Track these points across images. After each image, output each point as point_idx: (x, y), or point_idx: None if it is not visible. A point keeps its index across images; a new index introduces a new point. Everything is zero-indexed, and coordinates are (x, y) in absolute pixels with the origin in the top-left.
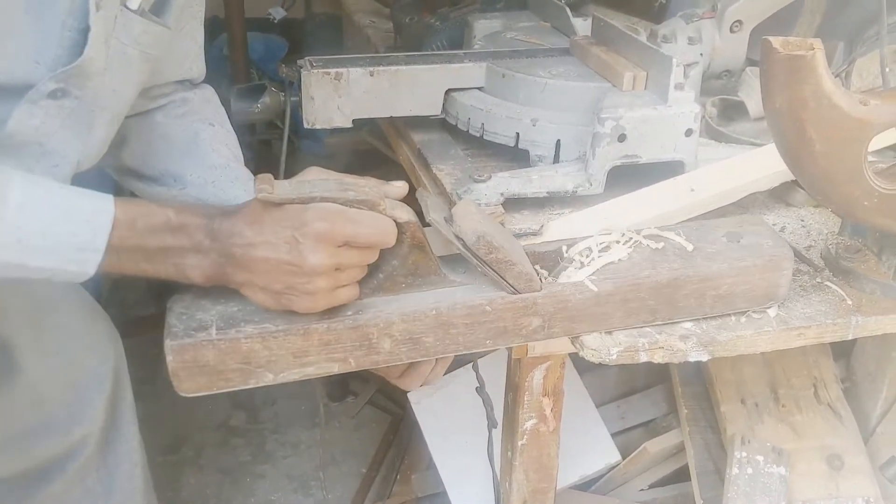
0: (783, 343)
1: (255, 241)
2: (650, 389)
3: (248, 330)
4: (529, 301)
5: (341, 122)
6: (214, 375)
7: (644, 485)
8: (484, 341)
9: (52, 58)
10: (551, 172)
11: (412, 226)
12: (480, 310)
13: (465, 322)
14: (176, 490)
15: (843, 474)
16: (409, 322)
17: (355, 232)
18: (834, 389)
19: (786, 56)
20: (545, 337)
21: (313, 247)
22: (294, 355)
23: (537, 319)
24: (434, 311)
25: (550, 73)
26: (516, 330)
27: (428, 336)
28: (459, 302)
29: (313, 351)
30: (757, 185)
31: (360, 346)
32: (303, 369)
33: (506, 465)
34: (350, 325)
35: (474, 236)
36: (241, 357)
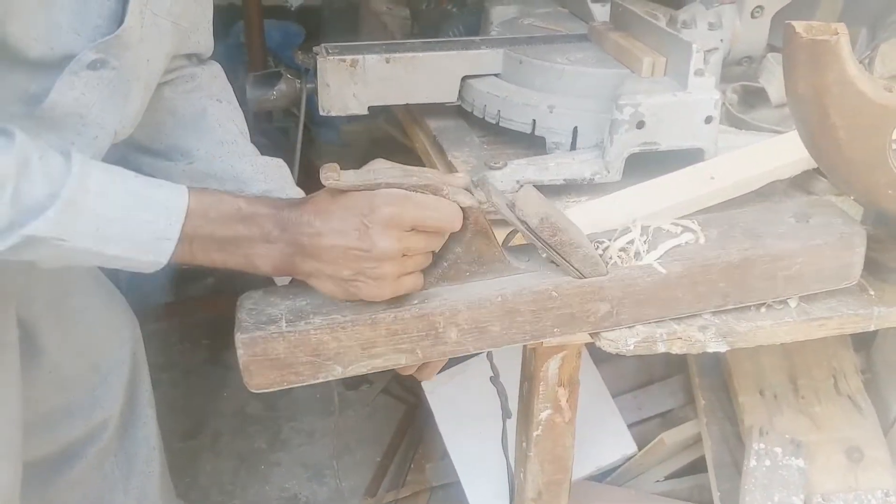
0: (804, 334)
1: (324, 229)
2: (667, 380)
3: (317, 321)
4: (596, 285)
5: (357, 109)
6: (285, 369)
7: (660, 476)
8: (551, 329)
9: (92, 28)
10: (568, 160)
11: (475, 211)
12: (547, 295)
13: (531, 309)
14: (192, 476)
15: (862, 466)
16: (475, 310)
17: (423, 215)
18: (854, 381)
19: (809, 41)
20: (613, 325)
21: (382, 231)
22: (362, 346)
23: (605, 305)
24: (500, 298)
25: (568, 59)
26: (584, 316)
27: (494, 324)
28: (525, 287)
29: (381, 341)
30: (778, 174)
31: (427, 335)
32: (371, 361)
33: (520, 456)
34: (416, 313)
35: (537, 218)
36: (311, 349)
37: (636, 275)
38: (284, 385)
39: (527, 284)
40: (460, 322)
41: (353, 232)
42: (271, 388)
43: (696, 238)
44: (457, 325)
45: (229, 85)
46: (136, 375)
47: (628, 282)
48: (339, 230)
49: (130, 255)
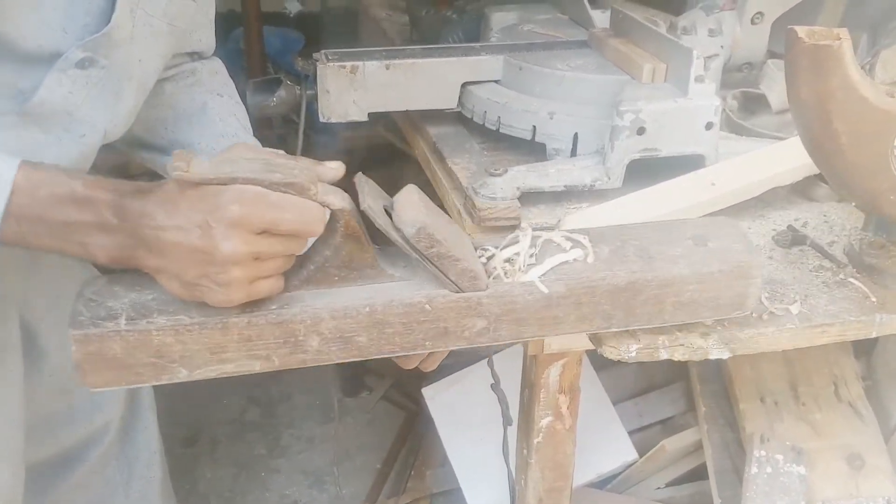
0: (806, 341)
1: (167, 224)
2: (668, 387)
3: (161, 322)
4: (473, 301)
5: (357, 115)
6: (123, 370)
7: (661, 483)
8: (423, 343)
9: (80, 26)
10: (569, 166)
11: (346, 213)
12: (419, 308)
13: (402, 321)
14: (192, 483)
15: (863, 474)
16: (340, 319)
17: (275, 218)
18: (855, 388)
19: (812, 46)
20: (490, 341)
21: (226, 233)
22: (211, 351)
23: (482, 321)
24: (368, 308)
25: (568, 65)
26: (459, 332)
27: (361, 335)
28: (396, 299)
29: (232, 347)
30: (779, 180)
31: (285, 343)
32: (221, 366)
33: (521, 463)
34: (273, 319)
35: (413, 228)
36: (153, 351)
37: (517, 292)
38: (123, 385)
39: (398, 296)
40: (323, 331)
41: (196, 230)
42: (108, 387)
43: (586, 255)
44: (319, 334)
45: (230, 80)
46: None
47: (508, 299)
48: (182, 227)
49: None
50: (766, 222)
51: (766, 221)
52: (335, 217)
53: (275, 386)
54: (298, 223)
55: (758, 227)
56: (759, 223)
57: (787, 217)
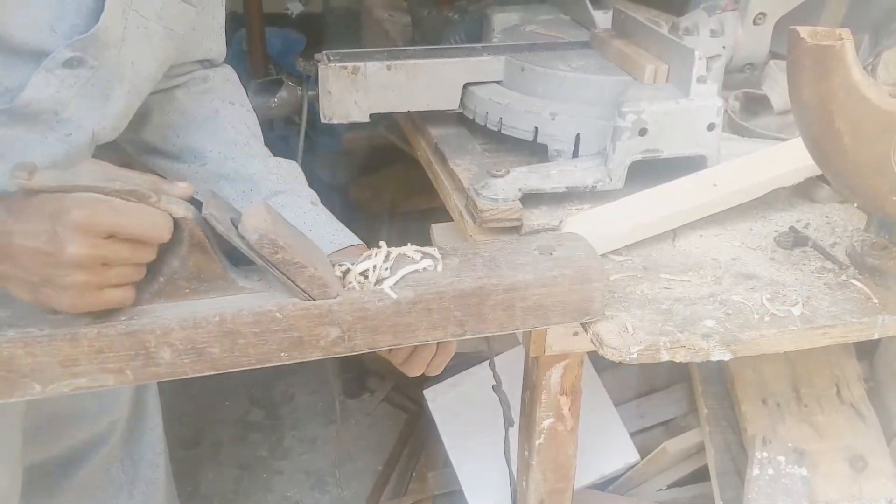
0: (808, 342)
1: (14, 228)
2: (670, 388)
3: (10, 334)
4: (325, 308)
5: (358, 116)
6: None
7: (663, 485)
8: (278, 353)
9: (69, 26)
10: (570, 167)
11: (189, 222)
12: (270, 317)
13: (253, 331)
14: (195, 484)
15: (865, 476)
16: (190, 329)
17: (118, 222)
18: (857, 389)
19: (814, 46)
20: (347, 350)
21: (72, 236)
22: (62, 364)
23: (336, 329)
24: (217, 318)
25: (570, 66)
26: (313, 341)
27: (213, 346)
28: (246, 308)
29: (84, 360)
30: (781, 181)
31: (137, 355)
32: (73, 380)
33: (523, 465)
34: (123, 330)
35: (256, 234)
36: (2, 364)
37: (367, 299)
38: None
39: (248, 305)
40: (174, 342)
41: (43, 234)
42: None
43: (435, 265)
44: (170, 346)
45: (242, 87)
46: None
47: (358, 305)
48: (30, 231)
49: None
50: (768, 223)
51: (767, 223)
52: (180, 226)
53: (277, 387)
54: (142, 228)
55: (759, 228)
56: (760, 224)
57: (789, 218)
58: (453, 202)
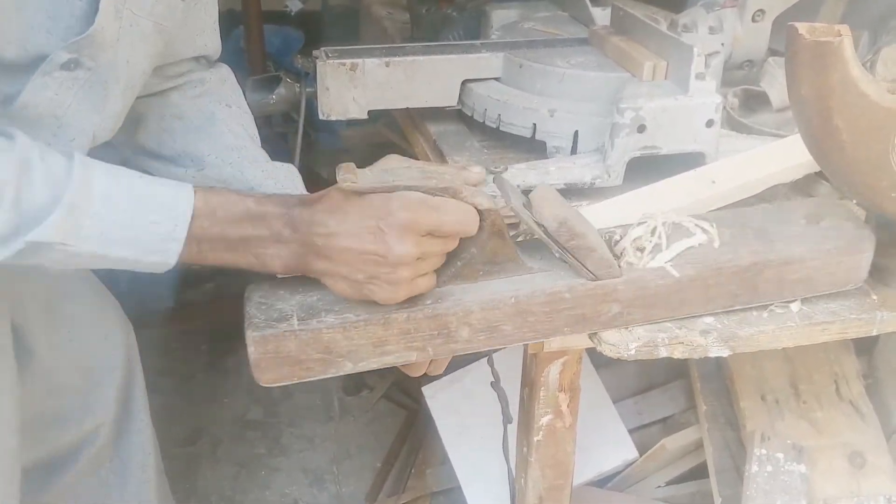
0: (806, 338)
1: (338, 230)
2: (668, 385)
3: (330, 320)
4: (609, 287)
5: (357, 113)
6: (296, 366)
7: (661, 482)
8: (562, 328)
9: (64, 28)
10: (569, 164)
11: (493, 213)
12: (560, 297)
13: (544, 310)
14: (192, 482)
15: (864, 472)
16: (488, 310)
17: (439, 220)
18: (856, 386)
19: (812, 42)
20: (623, 324)
21: (399, 236)
22: (374, 345)
23: (617, 306)
24: (513, 299)
25: (568, 63)
26: (595, 317)
27: (506, 324)
28: (538, 289)
29: (393, 340)
30: (779, 177)
31: (439, 334)
32: (382, 358)
33: (521, 462)
34: (429, 313)
35: (556, 222)
36: (323, 347)
37: (649, 277)
38: (295, 380)
39: (540, 286)
40: (472, 322)
41: (369, 235)
42: (281, 382)
43: (711, 240)
44: (469, 325)
45: (239, 88)
46: (130, 381)
47: (640, 284)
48: (354, 233)
49: (137, 257)
50: None
51: None
52: (482, 216)
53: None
54: (459, 224)
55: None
56: None
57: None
58: None
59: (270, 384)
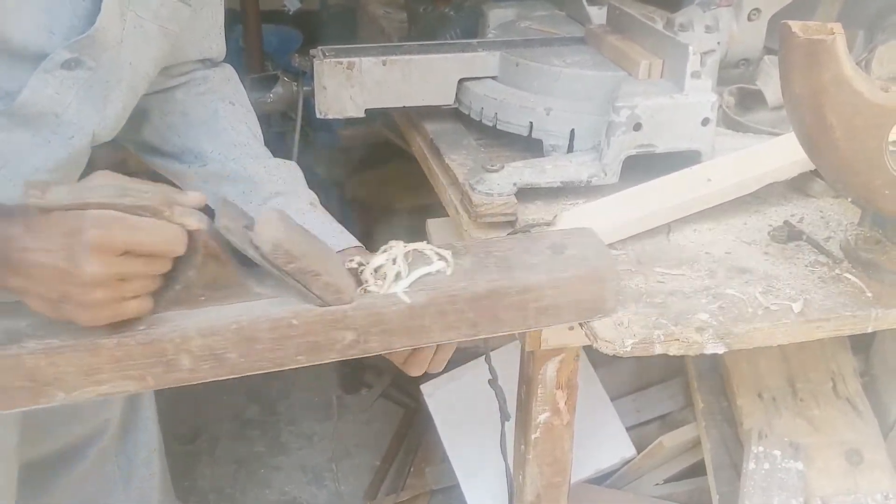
0: (802, 335)
1: (31, 245)
2: (666, 383)
3: (31, 345)
4: (339, 314)
5: (354, 111)
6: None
7: (659, 479)
8: (295, 357)
9: (67, 27)
10: (565, 162)
11: (203, 233)
12: (286, 323)
13: (271, 337)
14: (192, 480)
15: (861, 469)
16: (209, 337)
17: (134, 239)
18: (853, 383)
19: (806, 41)
20: (362, 353)
21: (88, 255)
22: (84, 373)
23: (351, 333)
24: (235, 325)
25: (565, 61)
26: (329, 344)
27: (231, 352)
28: (263, 315)
29: (105, 368)
30: (775, 175)
31: (157, 362)
32: (96, 388)
33: (519, 459)
34: (142, 340)
35: (270, 244)
36: (26, 374)
37: (381, 304)
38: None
39: (265, 312)
40: (193, 349)
41: (61, 252)
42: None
43: (447, 268)
44: (189, 353)
45: (242, 87)
46: None
47: (373, 311)
48: (46, 249)
49: None
50: (763, 218)
51: (762, 217)
52: (194, 237)
53: (274, 383)
54: (157, 244)
55: (754, 222)
56: (755, 219)
57: (784, 213)
58: (449, 197)
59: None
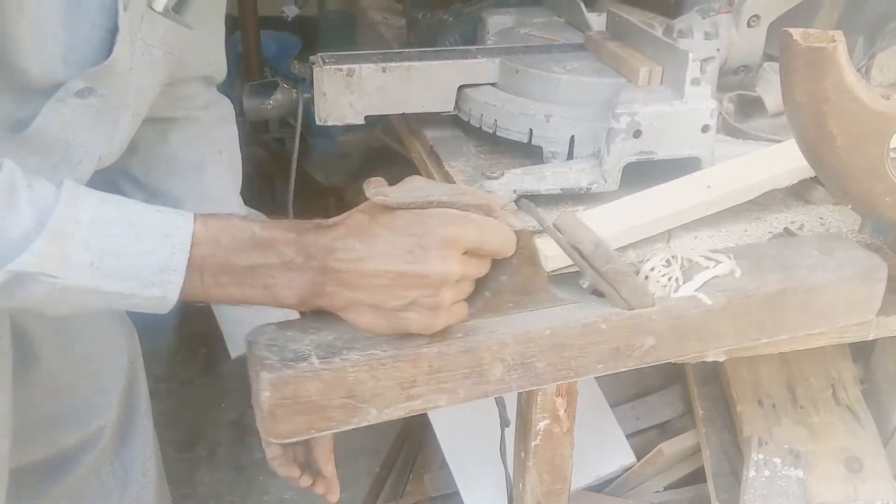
0: (803, 343)
1: (367, 254)
2: (665, 390)
3: (354, 357)
4: (644, 317)
5: (353, 118)
6: (315, 414)
7: (659, 486)
8: (595, 365)
9: (82, 57)
10: (565, 169)
11: (526, 235)
12: (595, 328)
13: (578, 343)
14: (191, 487)
15: (861, 477)
16: (523, 344)
17: (482, 238)
18: (853, 391)
19: (807, 48)
20: (655, 360)
21: (442, 254)
22: (402, 386)
23: (651, 339)
24: (549, 331)
25: (564, 68)
26: (629, 351)
27: (540, 360)
28: (574, 320)
29: (421, 380)
30: (775, 182)
31: (471, 373)
32: (409, 403)
33: (519, 466)
34: (462, 348)
35: (592, 245)
36: (347, 390)
37: (683, 306)
38: (312, 433)
39: (575, 317)
40: (506, 357)
41: (407, 255)
42: (295, 436)
43: (732, 270)
44: (503, 361)
45: (235, 127)
46: (133, 384)
47: (675, 314)
48: (387, 254)
49: (133, 291)
50: (763, 225)
51: (762, 224)
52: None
53: None
54: (499, 244)
55: (754, 229)
56: (755, 226)
57: (784, 220)
58: None
59: (282, 439)
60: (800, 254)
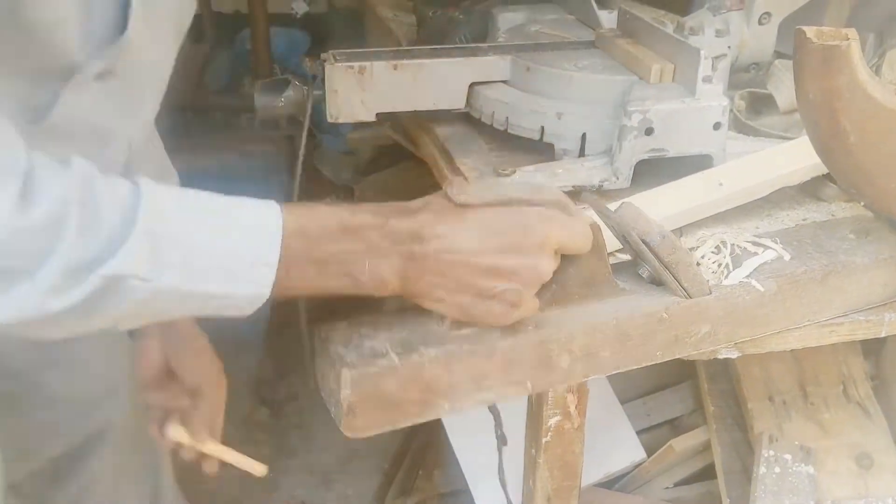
0: (814, 340)
1: (459, 241)
2: (676, 386)
3: (431, 353)
4: (703, 305)
5: (364, 115)
6: (392, 409)
7: (669, 483)
8: (655, 353)
9: (98, 38)
10: (577, 166)
11: (595, 228)
12: (657, 318)
13: (640, 332)
14: (200, 483)
15: (872, 473)
16: (590, 335)
17: (571, 237)
18: (863, 387)
19: (820, 46)
20: (710, 345)
21: (537, 253)
22: (474, 380)
23: (706, 325)
24: (614, 321)
25: (576, 65)
26: (686, 338)
27: (605, 350)
28: (637, 310)
29: (494, 374)
30: (787, 180)
31: (540, 364)
32: (480, 394)
33: (529, 463)
34: (533, 340)
35: (659, 236)
36: (423, 385)
37: (737, 293)
38: (386, 427)
39: (638, 306)
40: (574, 349)
41: (500, 250)
42: (371, 431)
43: (780, 255)
44: (570, 353)
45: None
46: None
47: (731, 301)
48: (479, 247)
49: (227, 290)
50: (774, 222)
51: (773, 221)
52: None
53: (282, 386)
54: (583, 242)
55: (766, 227)
56: (766, 223)
57: (796, 217)
58: None
59: (359, 434)
60: (836, 237)
